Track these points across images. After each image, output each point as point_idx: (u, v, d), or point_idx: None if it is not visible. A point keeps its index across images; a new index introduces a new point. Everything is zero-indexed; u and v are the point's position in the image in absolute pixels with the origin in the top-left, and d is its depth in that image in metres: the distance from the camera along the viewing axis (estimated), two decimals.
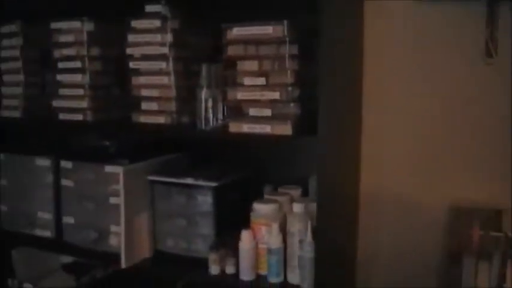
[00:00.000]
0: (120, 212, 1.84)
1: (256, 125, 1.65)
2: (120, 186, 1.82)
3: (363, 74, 1.94)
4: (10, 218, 2.15)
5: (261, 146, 1.97)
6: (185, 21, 1.82)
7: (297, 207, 1.74)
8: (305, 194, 1.91)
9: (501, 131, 1.79)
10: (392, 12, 1.91)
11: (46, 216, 2.07)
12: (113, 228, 1.92)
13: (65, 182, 2.01)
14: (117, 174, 1.85)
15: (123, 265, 1.86)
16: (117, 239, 1.92)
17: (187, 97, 1.84)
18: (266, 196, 1.92)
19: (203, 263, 1.82)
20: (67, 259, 2.32)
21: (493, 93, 1.80)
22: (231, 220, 1.87)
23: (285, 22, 1.61)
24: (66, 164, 1.99)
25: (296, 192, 1.93)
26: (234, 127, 1.68)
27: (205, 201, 1.84)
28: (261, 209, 1.79)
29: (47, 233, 2.07)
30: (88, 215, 1.96)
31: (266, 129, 1.64)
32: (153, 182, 1.91)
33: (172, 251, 1.92)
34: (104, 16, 1.95)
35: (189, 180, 1.84)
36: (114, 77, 2.03)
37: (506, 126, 1.78)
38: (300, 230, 1.72)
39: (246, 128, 1.67)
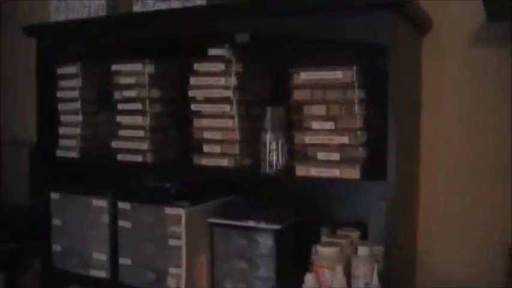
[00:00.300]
0: (181, 253, 1.84)
1: (325, 169, 1.66)
2: (182, 228, 1.84)
3: (421, 113, 1.94)
4: (63, 257, 2.16)
5: (319, 188, 1.96)
6: (248, 64, 1.82)
7: (363, 251, 1.73)
8: (363, 236, 1.90)
9: None
10: (449, 50, 1.93)
11: (101, 256, 2.06)
12: (172, 270, 1.92)
13: (122, 223, 2.01)
14: (178, 216, 1.86)
15: None
16: (175, 280, 1.92)
17: (249, 139, 1.83)
18: (326, 238, 1.90)
19: None
20: None
21: None
22: (292, 263, 1.87)
23: (355, 68, 1.62)
24: (124, 205, 2.00)
25: (355, 234, 1.92)
26: (301, 170, 1.69)
27: (267, 244, 1.84)
28: (324, 251, 1.78)
29: (102, 274, 2.07)
30: (146, 256, 1.96)
31: (335, 173, 1.65)
32: (213, 224, 1.91)
33: None
34: (164, 57, 1.96)
35: (251, 223, 1.84)
36: (172, 118, 2.03)
37: None
38: (365, 273, 1.71)
39: (314, 171, 1.67)
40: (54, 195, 2.16)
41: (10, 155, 2.74)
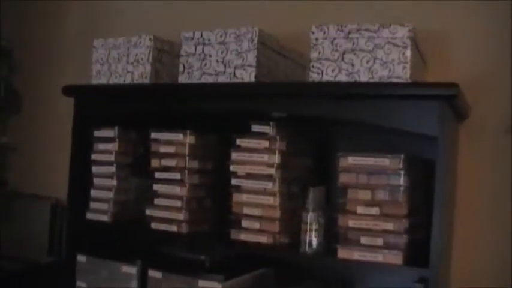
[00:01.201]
0: None
1: (367, 253, 1.67)
2: None
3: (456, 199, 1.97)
4: None
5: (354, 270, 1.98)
6: (290, 142, 1.85)
7: None
8: None
9: None
10: (484, 136, 1.99)
11: None
12: None
13: None
14: None
15: None
16: None
17: (288, 218, 1.85)
18: None
19: None
20: None
21: None
22: None
23: (402, 156, 1.65)
24: (155, 274, 1.98)
25: None
26: (343, 253, 1.70)
27: None
28: None
29: None
30: None
31: (377, 258, 1.66)
32: None
33: None
34: (203, 129, 1.98)
35: None
36: (209, 190, 2.04)
37: None
38: None
39: (357, 255, 1.68)
40: (81, 258, 2.14)
41: (31, 209, 2.71)
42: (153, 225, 2.01)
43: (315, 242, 1.80)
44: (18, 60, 2.96)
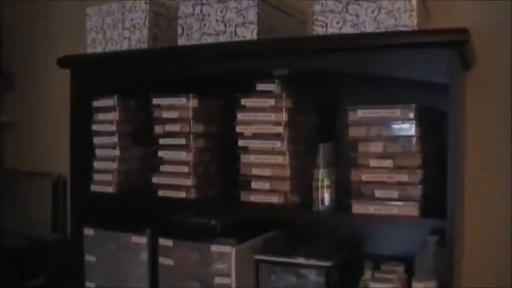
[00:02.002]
0: None
1: (382, 207, 1.64)
2: (232, 267, 1.81)
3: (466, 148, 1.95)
4: None
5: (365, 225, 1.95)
6: (297, 100, 1.81)
7: (418, 286, 1.70)
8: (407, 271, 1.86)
9: None
10: (490, 87, 1.95)
11: None
12: None
13: (163, 261, 1.96)
14: (226, 254, 1.83)
15: None
16: None
17: (298, 176, 1.81)
18: (369, 274, 1.88)
19: None
20: None
21: None
22: None
23: (413, 106, 1.61)
24: (165, 242, 1.95)
25: (400, 269, 1.89)
26: (358, 208, 1.68)
27: (317, 281, 1.81)
28: None
29: None
30: None
31: (393, 211, 1.64)
32: (260, 261, 1.87)
33: None
34: (206, 92, 1.93)
35: (301, 260, 1.81)
36: (215, 153, 2.01)
37: None
38: None
39: (372, 209, 1.65)
40: (88, 231, 2.11)
41: (31, 186, 2.66)
42: (161, 192, 1.97)
43: (327, 199, 1.77)
44: (9, 34, 2.86)
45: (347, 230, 2.02)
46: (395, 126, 1.67)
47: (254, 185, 1.84)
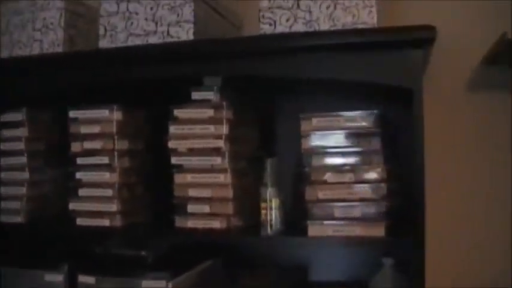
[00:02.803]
0: None
1: (344, 228, 1.43)
2: None
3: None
4: None
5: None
6: (238, 110, 1.58)
7: None
8: None
9: None
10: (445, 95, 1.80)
11: None
12: None
13: None
14: None
15: None
16: None
17: (243, 197, 1.58)
18: None
19: None
20: None
21: None
22: None
23: (376, 112, 1.43)
24: (85, 279, 1.65)
25: None
26: (315, 231, 1.45)
27: None
28: None
29: None
30: None
31: (355, 231, 1.43)
32: None
33: None
34: (130, 103, 1.68)
35: None
36: (142, 174, 1.74)
37: None
38: None
39: (330, 231, 1.44)
40: None
41: None
42: (79, 220, 1.69)
43: (277, 221, 1.53)
44: None
45: (293, 256, 1.79)
46: (355, 135, 1.45)
47: (191, 208, 1.61)
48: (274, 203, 1.55)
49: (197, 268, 1.70)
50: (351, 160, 1.48)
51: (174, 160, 1.61)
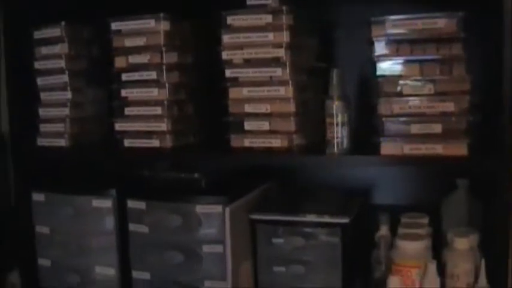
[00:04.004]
0: (224, 262, 1.44)
1: (422, 145, 1.26)
2: (226, 231, 1.40)
3: None
4: (53, 274, 1.68)
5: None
6: (297, 15, 1.42)
7: (461, 243, 1.35)
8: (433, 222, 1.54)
9: None
10: None
11: (107, 271, 1.62)
12: (208, 283, 1.47)
13: (134, 227, 1.57)
14: (216, 215, 1.43)
15: None
16: None
17: (305, 113, 1.42)
18: (386, 229, 1.54)
19: None
20: None
21: None
22: (357, 263, 1.52)
23: (460, 15, 1.23)
24: (136, 204, 1.54)
25: (423, 221, 1.54)
26: (389, 149, 1.29)
27: (331, 242, 1.45)
28: (407, 247, 1.39)
29: None
30: (171, 269, 1.53)
31: (436, 149, 1.26)
32: (258, 222, 1.48)
33: None
34: (178, 10, 1.53)
35: (311, 217, 1.43)
36: (190, 90, 1.60)
37: None
38: (467, 271, 1.36)
39: (407, 149, 1.27)
40: (38, 196, 1.68)
41: None
42: (127, 142, 1.56)
43: (345, 139, 1.37)
44: None
45: (360, 178, 1.65)
46: (435, 41, 1.28)
47: (248, 125, 1.46)
48: (341, 118, 1.38)
49: (255, 191, 1.56)
50: (429, 69, 1.28)
51: (228, 73, 1.45)
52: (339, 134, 1.39)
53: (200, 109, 1.62)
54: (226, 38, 1.44)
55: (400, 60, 1.31)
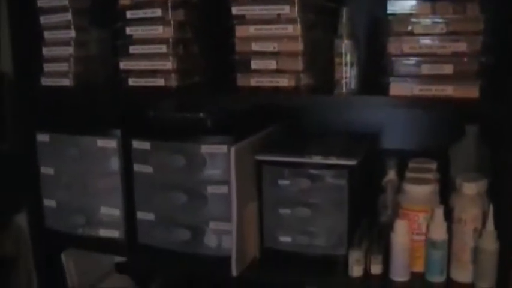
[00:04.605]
0: (232, 203, 1.41)
1: (432, 86, 1.23)
2: (232, 171, 1.38)
3: None
4: (59, 215, 1.69)
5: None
6: None
7: (470, 188, 1.33)
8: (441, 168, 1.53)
9: None
10: None
11: (112, 212, 1.62)
12: (214, 225, 1.48)
13: (139, 168, 1.56)
14: (221, 155, 1.42)
15: (235, 272, 1.41)
16: (216, 237, 1.47)
17: (313, 52, 1.39)
18: (393, 174, 1.55)
19: (331, 262, 1.45)
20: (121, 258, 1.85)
21: None
22: (363, 207, 1.51)
23: None
24: (141, 145, 1.53)
25: (431, 166, 1.52)
26: (398, 89, 1.26)
27: (337, 185, 1.43)
28: (415, 190, 1.38)
29: (114, 233, 1.63)
30: (175, 209, 1.53)
31: (446, 91, 1.23)
32: (264, 163, 1.46)
33: (287, 249, 1.50)
34: None
35: (317, 159, 1.41)
36: (195, 29, 1.57)
37: None
38: (474, 216, 1.34)
39: (417, 90, 1.24)
40: (42, 137, 1.67)
41: None
42: (132, 81, 1.53)
43: (353, 79, 1.34)
44: None
45: (368, 121, 1.62)
46: None
47: (255, 64, 1.42)
48: (350, 58, 1.35)
49: (261, 132, 1.54)
50: (442, 8, 1.25)
51: (235, 10, 1.41)
52: (347, 74, 1.35)
53: (206, 48, 1.58)
54: None
55: None
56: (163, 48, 1.48)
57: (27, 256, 1.92)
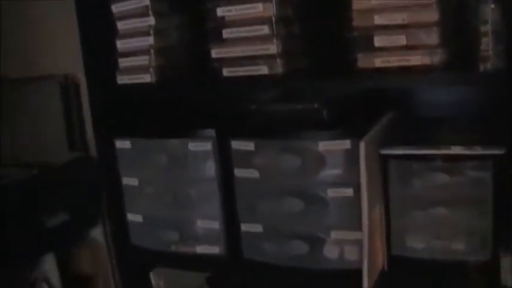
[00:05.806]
0: (362, 208, 1.20)
1: None
2: (362, 168, 1.16)
3: None
4: (147, 230, 1.49)
5: None
6: None
7: None
8: None
9: None
10: None
11: (210, 225, 1.41)
12: (336, 234, 1.26)
13: (242, 173, 1.34)
14: (343, 152, 1.21)
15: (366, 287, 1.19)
16: (337, 248, 1.25)
17: (450, 21, 1.17)
18: None
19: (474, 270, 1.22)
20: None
21: None
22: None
23: None
24: (242, 145, 1.31)
25: None
26: None
27: (481, 178, 1.20)
28: None
29: (214, 249, 1.41)
30: (289, 218, 1.31)
31: None
32: (390, 157, 1.23)
33: (420, 256, 1.28)
34: None
35: (456, 149, 1.19)
36: (296, 6, 1.33)
37: None
38: None
39: None
40: (122, 143, 1.46)
41: (33, 95, 1.93)
42: (226, 71, 1.30)
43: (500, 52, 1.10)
44: None
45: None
46: None
47: (378, 40, 1.17)
48: (498, 26, 1.09)
49: (382, 122, 1.30)
50: None
51: None
52: (493, 46, 1.10)
53: (309, 27, 1.34)
54: None
55: None
56: (265, 29, 1.24)
57: (106, 274, 1.73)
